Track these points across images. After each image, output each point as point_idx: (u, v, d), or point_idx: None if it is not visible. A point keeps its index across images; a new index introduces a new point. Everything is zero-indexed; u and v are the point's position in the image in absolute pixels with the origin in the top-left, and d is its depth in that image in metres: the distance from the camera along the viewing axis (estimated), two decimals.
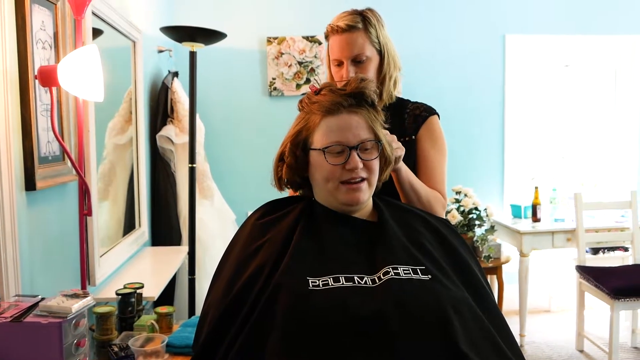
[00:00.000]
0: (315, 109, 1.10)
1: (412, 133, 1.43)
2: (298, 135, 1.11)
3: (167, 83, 2.76)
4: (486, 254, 3.15)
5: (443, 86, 3.50)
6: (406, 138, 1.42)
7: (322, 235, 1.04)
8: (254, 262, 1.00)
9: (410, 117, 1.44)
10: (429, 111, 1.45)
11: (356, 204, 1.08)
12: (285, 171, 1.13)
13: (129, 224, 2.30)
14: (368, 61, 1.38)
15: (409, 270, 0.97)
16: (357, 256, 1.01)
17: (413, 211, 1.18)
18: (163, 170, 2.71)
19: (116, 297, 1.51)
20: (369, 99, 1.11)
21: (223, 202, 3.01)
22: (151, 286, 1.87)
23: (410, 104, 1.48)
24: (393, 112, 1.43)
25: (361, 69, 1.38)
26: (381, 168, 1.14)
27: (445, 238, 1.10)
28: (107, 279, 1.91)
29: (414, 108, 1.46)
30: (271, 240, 1.04)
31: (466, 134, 3.56)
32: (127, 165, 2.31)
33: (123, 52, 2.26)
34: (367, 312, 0.88)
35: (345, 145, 1.06)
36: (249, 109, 3.41)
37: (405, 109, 1.46)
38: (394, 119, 1.44)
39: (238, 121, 3.41)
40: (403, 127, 1.43)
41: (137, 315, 1.51)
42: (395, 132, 1.43)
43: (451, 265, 1.03)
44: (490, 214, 3.25)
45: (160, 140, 2.69)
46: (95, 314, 1.38)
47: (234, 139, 3.41)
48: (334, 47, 1.40)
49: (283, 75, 3.38)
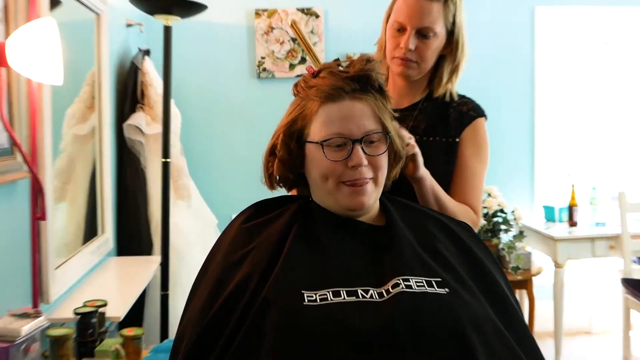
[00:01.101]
0: (312, 94, 1.10)
1: (455, 134, 1.44)
2: (292, 125, 1.11)
3: (136, 63, 2.76)
4: (514, 265, 3.16)
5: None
6: (449, 139, 1.44)
7: (319, 241, 1.04)
8: (238, 274, 1.00)
9: (456, 114, 1.46)
10: (477, 111, 1.47)
11: (360, 208, 1.08)
12: (277, 167, 1.13)
13: (90, 229, 2.29)
14: (434, 38, 1.39)
15: (423, 282, 0.97)
16: (361, 266, 1.01)
17: (427, 212, 1.18)
18: (131, 166, 2.70)
19: (74, 317, 1.51)
20: (375, 83, 1.11)
21: (202, 204, 3.00)
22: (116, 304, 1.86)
23: (457, 99, 1.49)
24: (436, 106, 1.45)
25: (424, 45, 1.38)
26: (390, 165, 1.14)
27: (465, 244, 1.10)
28: (64, 296, 1.90)
29: (461, 103, 1.48)
30: (259, 247, 1.03)
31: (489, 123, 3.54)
32: (88, 160, 2.31)
33: (85, 26, 2.25)
34: (372, 331, 0.88)
35: (347, 138, 1.06)
36: (233, 93, 3.41)
37: (450, 103, 1.47)
38: (434, 115, 1.45)
39: (221, 108, 3.41)
40: (446, 126, 1.45)
41: (99, 339, 1.51)
42: (438, 130, 1.44)
43: (472, 277, 1.03)
44: (518, 217, 3.26)
45: (128, 131, 2.69)
46: (50, 337, 1.38)
47: (216, 128, 3.41)
48: (402, 9, 1.39)
49: (274, 54, 3.38)
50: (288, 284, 0.96)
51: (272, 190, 1.20)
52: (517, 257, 3.18)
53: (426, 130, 1.45)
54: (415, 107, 1.47)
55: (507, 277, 1.15)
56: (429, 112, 1.46)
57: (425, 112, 1.46)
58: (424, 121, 1.45)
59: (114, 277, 2.27)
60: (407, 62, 1.40)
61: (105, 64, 2.40)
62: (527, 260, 3.27)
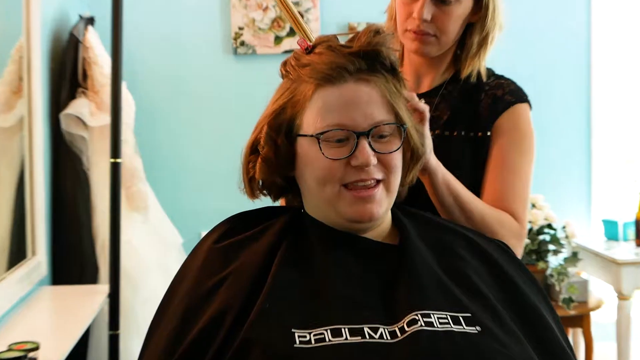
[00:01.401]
0: (306, 74, 1.10)
1: (486, 126, 1.44)
2: (279, 115, 1.12)
3: (76, 34, 2.76)
4: (566, 296, 3.17)
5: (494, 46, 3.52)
6: (477, 134, 1.44)
7: (314, 265, 1.05)
8: (210, 307, 1.01)
9: (488, 100, 1.46)
10: (516, 95, 1.47)
11: (368, 220, 1.09)
12: (261, 168, 1.14)
13: (17, 250, 2.29)
14: (456, 4, 1.39)
15: (447, 318, 0.98)
16: (368, 297, 1.01)
17: (452, 228, 1.19)
18: (71, 168, 2.70)
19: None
20: (386, 60, 1.11)
21: (163, 218, 3.00)
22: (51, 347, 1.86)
23: (491, 79, 1.49)
24: (463, 91, 1.45)
25: (444, 13, 1.39)
26: (405, 166, 1.15)
27: (501, 269, 1.11)
28: None
29: (495, 86, 1.47)
30: (237, 274, 1.04)
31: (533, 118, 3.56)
32: (14, 160, 2.30)
33: None
34: None
35: (350, 130, 1.07)
36: (203, 74, 3.41)
37: (482, 85, 1.48)
38: (461, 102, 1.45)
39: (187, 93, 3.41)
40: (475, 115, 1.45)
41: None
42: (464, 122, 1.43)
43: (511, 312, 1.04)
44: (571, 234, 3.27)
45: (67, 122, 2.69)
46: None
47: (181, 120, 3.41)
48: None
49: (254, 24, 3.39)
50: (274, 320, 0.96)
51: (253, 200, 1.20)
52: (570, 286, 3.18)
53: (449, 122, 1.45)
54: (436, 92, 1.48)
55: (557, 311, 1.16)
56: (455, 98, 1.47)
57: (450, 98, 1.47)
58: (447, 110, 1.46)
59: (48, 312, 2.26)
60: (423, 37, 1.40)
61: (36, 35, 2.40)
62: (582, 290, 3.27)
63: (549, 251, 3.22)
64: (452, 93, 1.48)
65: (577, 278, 3.29)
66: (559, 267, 3.19)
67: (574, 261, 3.23)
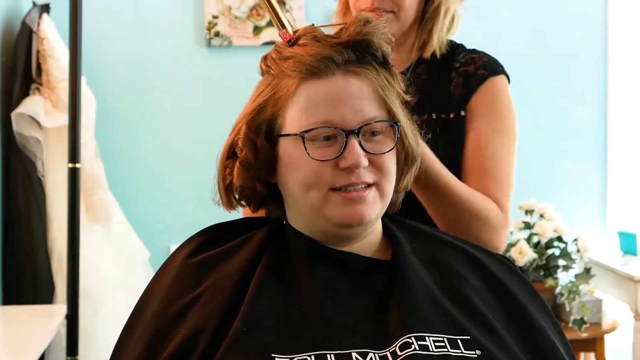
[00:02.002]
0: (288, 67, 1.11)
1: (458, 105, 1.46)
2: (259, 114, 1.12)
3: (30, 24, 2.75)
4: (577, 317, 3.18)
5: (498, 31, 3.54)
6: (449, 115, 1.45)
7: (296, 282, 1.05)
8: (181, 330, 1.01)
9: (459, 78, 1.47)
10: (489, 68, 1.48)
11: (358, 223, 1.09)
12: (239, 173, 1.14)
13: None
14: None
15: (444, 341, 0.98)
16: (356, 319, 1.02)
17: (450, 241, 1.20)
18: (23, 174, 2.69)
19: None
20: (378, 52, 1.12)
21: (128, 230, 2.99)
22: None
23: (461, 55, 1.51)
24: (433, 70, 1.46)
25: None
26: (400, 168, 1.16)
27: (505, 288, 1.12)
28: None
29: (467, 62, 1.49)
30: (212, 292, 1.04)
31: (540, 117, 3.59)
32: None
33: None
34: None
35: (339, 128, 1.07)
36: (172, 68, 3.41)
37: (452, 63, 1.49)
38: (431, 83, 1.47)
39: (154, 90, 3.41)
40: (446, 95, 1.46)
41: None
42: (433, 103, 1.45)
43: (514, 334, 1.05)
44: (583, 248, 3.28)
45: (19, 123, 2.68)
46: None
47: (148, 120, 3.40)
48: None
49: (231, 12, 3.39)
50: (252, 344, 0.96)
51: (230, 211, 1.20)
52: (582, 305, 3.19)
53: (418, 106, 1.45)
54: (403, 75, 1.47)
55: (567, 334, 1.17)
56: (423, 80, 1.48)
57: (419, 81, 1.48)
58: (416, 93, 1.46)
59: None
60: (379, 15, 1.41)
61: None
62: (596, 310, 3.28)
63: (559, 267, 3.23)
64: (421, 75, 1.50)
65: (590, 297, 3.30)
66: (569, 284, 3.19)
67: (587, 278, 3.23)
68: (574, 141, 3.65)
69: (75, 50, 2.46)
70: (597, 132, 3.68)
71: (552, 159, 3.64)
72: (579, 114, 3.66)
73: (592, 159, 3.69)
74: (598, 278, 3.41)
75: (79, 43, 2.46)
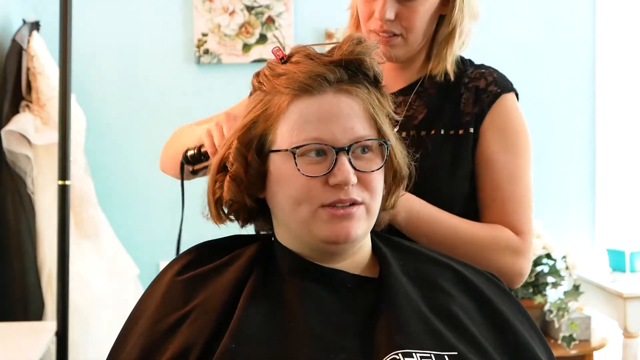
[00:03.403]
0: (281, 84, 1.12)
1: (470, 123, 1.43)
2: (251, 129, 1.13)
3: (20, 41, 2.75)
4: (566, 334, 3.18)
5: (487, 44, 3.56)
6: (459, 131, 1.43)
7: (284, 300, 1.06)
8: (171, 347, 1.01)
9: (469, 94, 1.45)
10: (501, 84, 1.46)
11: (344, 240, 1.09)
12: (229, 187, 1.14)
13: None
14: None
15: (431, 357, 0.99)
16: (344, 337, 1.02)
17: (437, 259, 1.20)
18: (13, 191, 2.68)
19: None
20: (370, 71, 1.14)
21: (118, 247, 2.98)
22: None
23: (470, 70, 1.48)
24: (441, 87, 1.45)
25: (408, 9, 1.38)
26: (387, 187, 1.17)
27: (492, 305, 1.13)
28: None
29: (476, 77, 1.47)
30: (201, 309, 1.05)
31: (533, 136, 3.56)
32: None
33: None
34: None
35: (329, 145, 1.08)
36: (162, 86, 3.40)
37: (461, 78, 1.47)
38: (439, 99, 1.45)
39: (144, 107, 3.40)
40: (456, 111, 1.44)
41: None
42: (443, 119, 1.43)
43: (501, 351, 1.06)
44: (572, 265, 3.29)
45: (9, 140, 2.68)
46: None
47: (138, 137, 3.39)
48: None
49: (220, 29, 3.40)
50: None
51: (219, 224, 1.20)
52: (571, 322, 3.19)
53: (425, 122, 1.44)
54: (411, 89, 1.48)
55: (556, 351, 1.17)
56: (431, 95, 1.47)
57: (426, 95, 1.47)
58: (423, 108, 1.45)
59: None
60: (388, 39, 1.40)
61: None
62: (585, 327, 3.28)
63: (548, 284, 3.22)
64: (429, 90, 1.48)
65: (579, 314, 3.30)
66: (558, 301, 3.20)
67: (576, 295, 3.23)
68: (562, 158, 3.65)
69: (65, 68, 2.45)
70: (585, 150, 3.68)
71: (540, 176, 3.63)
72: (567, 131, 3.66)
73: (581, 177, 3.69)
74: (587, 295, 3.41)
75: (68, 60, 2.45)
